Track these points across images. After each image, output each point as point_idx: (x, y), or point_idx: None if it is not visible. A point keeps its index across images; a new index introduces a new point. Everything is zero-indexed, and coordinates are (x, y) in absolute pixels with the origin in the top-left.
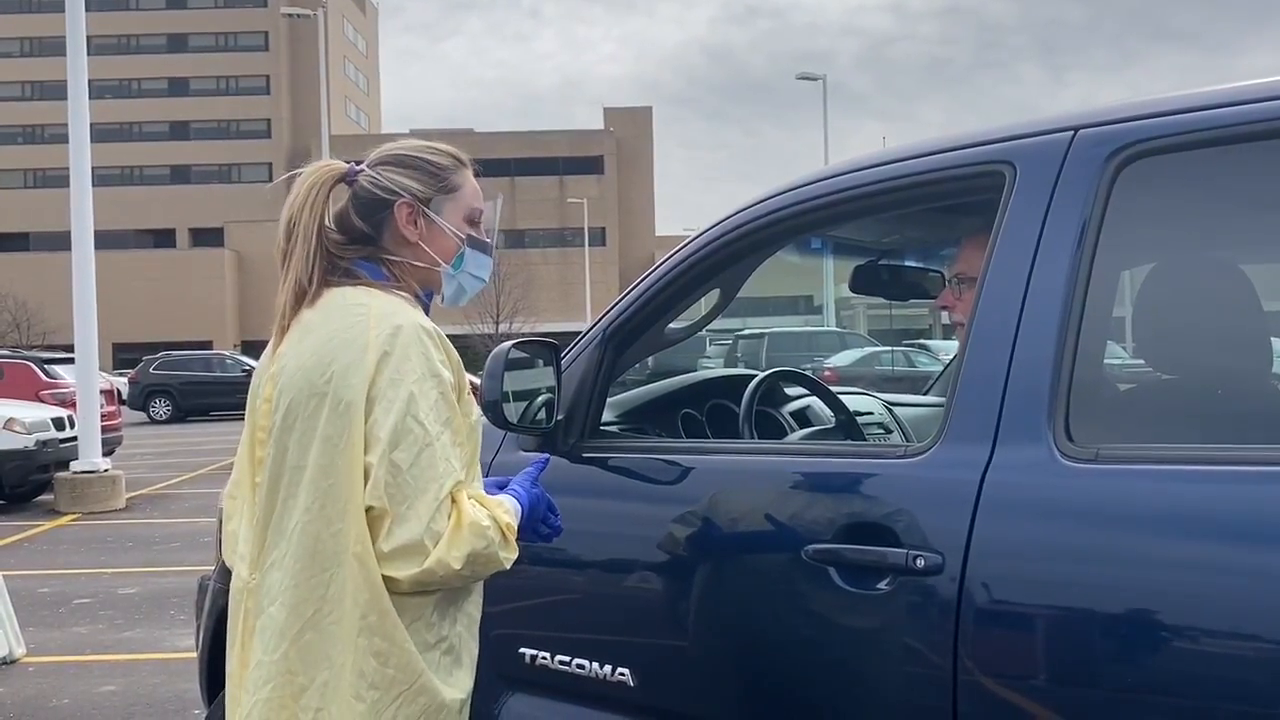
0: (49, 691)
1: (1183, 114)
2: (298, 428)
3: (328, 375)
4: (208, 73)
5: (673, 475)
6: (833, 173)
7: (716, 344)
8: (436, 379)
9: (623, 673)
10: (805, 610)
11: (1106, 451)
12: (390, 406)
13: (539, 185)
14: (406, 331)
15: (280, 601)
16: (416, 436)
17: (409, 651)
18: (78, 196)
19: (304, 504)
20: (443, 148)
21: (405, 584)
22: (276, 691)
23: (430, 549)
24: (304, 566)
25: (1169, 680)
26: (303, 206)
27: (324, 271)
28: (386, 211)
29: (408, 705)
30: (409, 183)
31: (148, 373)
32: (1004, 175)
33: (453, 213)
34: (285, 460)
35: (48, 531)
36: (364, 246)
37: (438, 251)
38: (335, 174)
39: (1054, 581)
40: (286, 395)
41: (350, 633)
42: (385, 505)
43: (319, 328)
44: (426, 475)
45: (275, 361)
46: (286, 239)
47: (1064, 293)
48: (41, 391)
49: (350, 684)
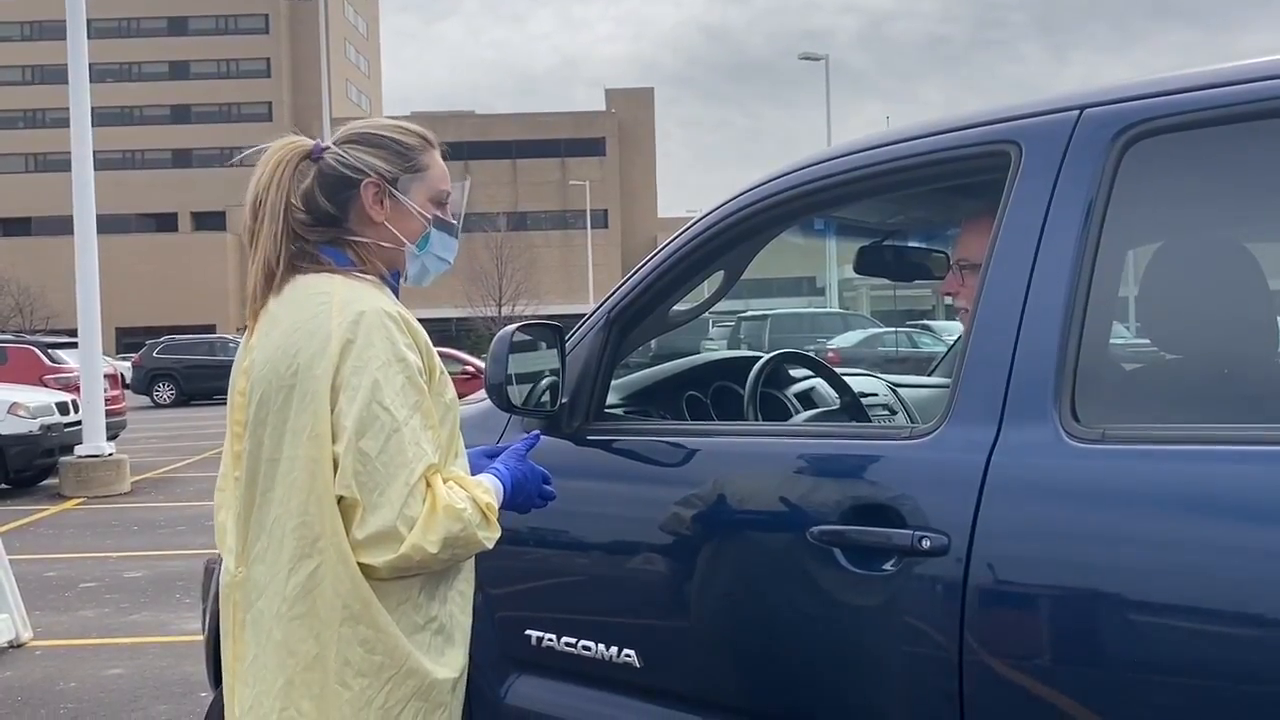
0: (56, 675)
1: (1189, 93)
2: (269, 421)
3: (293, 367)
4: (208, 56)
5: (678, 457)
6: (836, 153)
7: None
8: (402, 363)
9: (628, 654)
10: (810, 592)
11: (1112, 432)
12: (355, 395)
13: (540, 167)
14: (369, 318)
15: (266, 595)
16: (383, 423)
17: (394, 636)
18: (80, 181)
19: (279, 497)
20: (411, 127)
21: (383, 571)
22: (267, 684)
23: (405, 535)
24: (284, 559)
25: (1175, 661)
26: (269, 185)
27: (290, 255)
28: (353, 191)
29: (397, 688)
30: (376, 162)
31: (151, 357)
32: (1009, 155)
33: (419, 193)
34: (261, 453)
35: (53, 516)
36: (329, 228)
37: (403, 232)
38: (300, 151)
39: (1060, 562)
40: (258, 389)
41: (333, 622)
42: (356, 494)
43: (284, 319)
44: (396, 461)
45: (247, 354)
46: (254, 218)
47: (1070, 272)
48: (45, 376)
49: (336, 672)
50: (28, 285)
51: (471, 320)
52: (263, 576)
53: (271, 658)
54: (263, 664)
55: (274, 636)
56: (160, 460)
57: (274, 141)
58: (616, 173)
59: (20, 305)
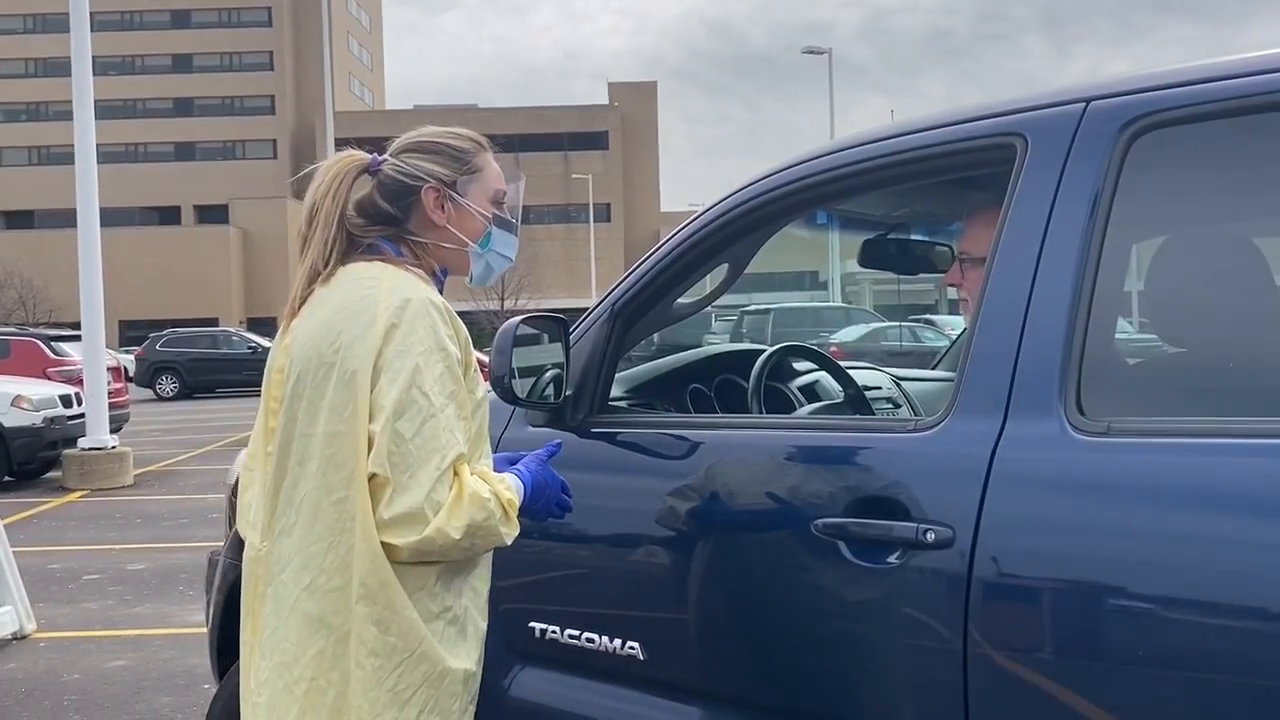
0: (60, 666)
1: (1197, 85)
2: (306, 396)
3: (336, 345)
4: (211, 49)
5: (681, 450)
6: (841, 146)
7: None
8: (443, 353)
9: (632, 646)
10: (814, 584)
11: (1118, 425)
12: (396, 377)
13: (543, 161)
14: (415, 305)
15: (291, 568)
16: (421, 407)
17: (410, 619)
18: (83, 174)
19: (311, 471)
20: (463, 132)
21: (405, 552)
22: (291, 655)
23: (430, 518)
24: (310, 533)
25: (1181, 656)
26: (326, 194)
27: (342, 253)
28: (413, 197)
29: (409, 672)
30: (434, 167)
31: (154, 350)
32: (1015, 148)
33: (477, 194)
34: (295, 428)
35: (56, 508)
36: (387, 227)
37: (465, 232)
38: (359, 164)
39: (1065, 555)
40: (297, 365)
41: (350, 600)
42: (387, 473)
43: (331, 299)
44: (429, 445)
45: (289, 333)
46: (309, 224)
47: (1076, 265)
48: (49, 369)
49: (351, 651)
50: (30, 279)
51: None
52: (288, 550)
53: (297, 630)
54: (283, 636)
55: (304, 608)
56: (163, 453)
57: (329, 158)
58: (619, 167)
59: (23, 299)
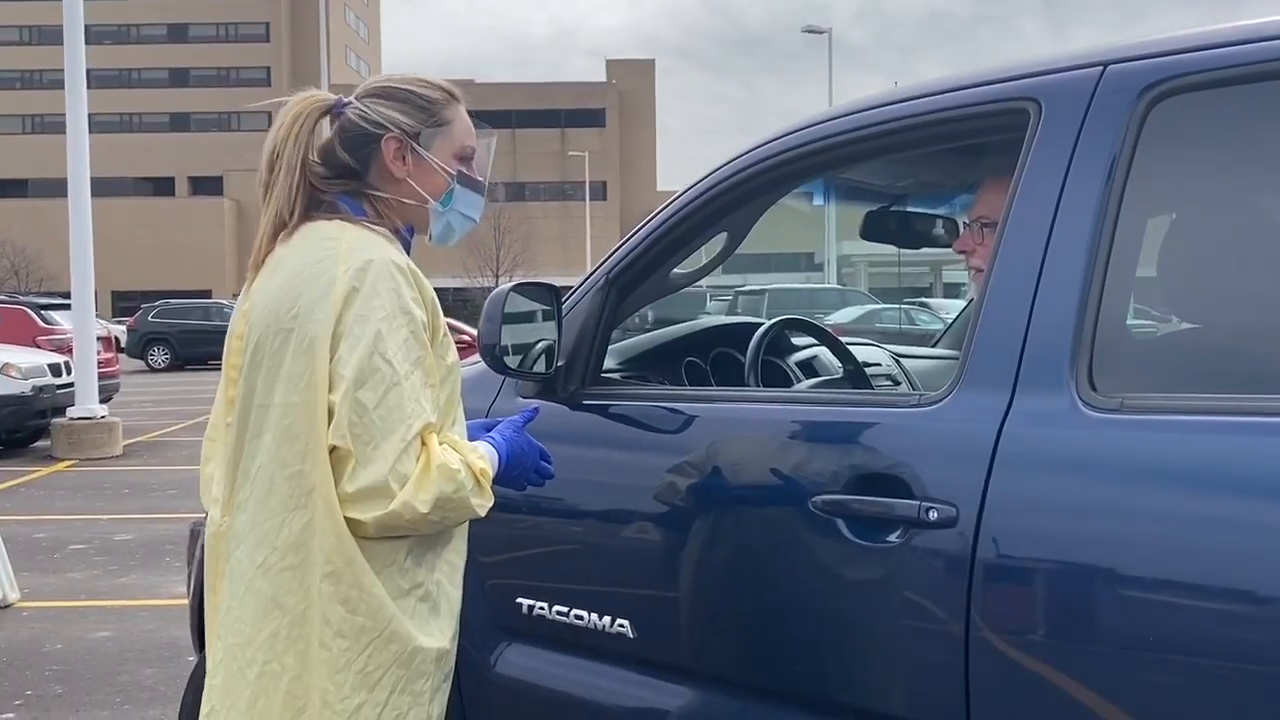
0: (42, 637)
1: (1223, 48)
2: (264, 365)
3: (294, 311)
4: (207, 19)
5: (676, 423)
6: (847, 110)
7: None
8: (407, 316)
9: (622, 624)
10: (812, 562)
11: (1131, 401)
12: (356, 343)
13: (540, 138)
14: (376, 266)
15: (245, 544)
16: (384, 375)
17: (378, 596)
18: (74, 142)
19: (266, 444)
20: (435, 80)
21: (370, 528)
22: (245, 636)
23: (396, 491)
24: (264, 509)
25: (1194, 640)
26: (286, 138)
27: (305, 206)
28: (374, 146)
29: (378, 653)
30: (397, 116)
31: (146, 320)
32: (1028, 113)
33: (443, 148)
34: (253, 399)
35: (44, 477)
36: (348, 181)
37: (426, 188)
38: (321, 105)
39: (1074, 537)
40: (255, 332)
41: (313, 579)
42: (349, 445)
43: (289, 262)
44: (394, 415)
45: (248, 298)
46: (269, 170)
47: (1090, 235)
48: (38, 337)
49: (317, 632)
50: (24, 246)
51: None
52: (243, 526)
53: (251, 610)
54: (237, 616)
55: (258, 588)
56: (153, 424)
57: (294, 95)
58: (616, 145)
59: (16, 267)
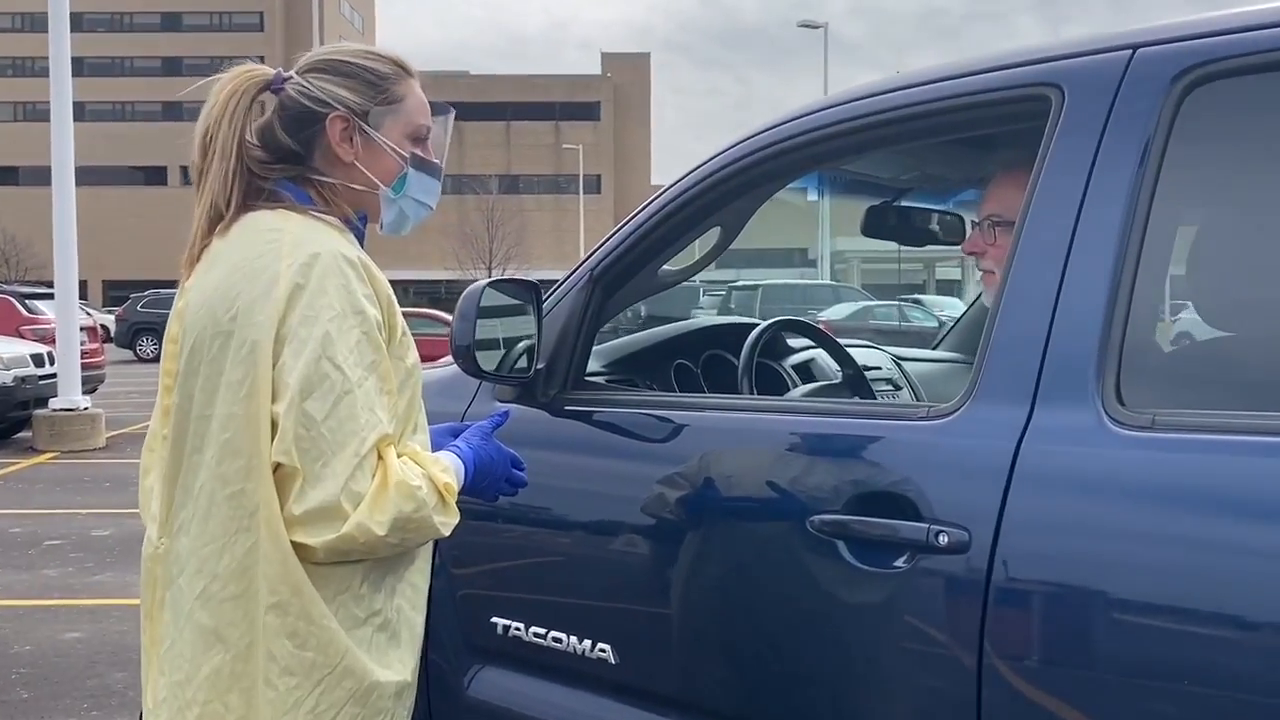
0: (10, 637)
1: (1264, 30)
2: (202, 372)
3: (232, 311)
4: (201, 8)
5: (664, 432)
6: (850, 97)
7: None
8: (359, 316)
9: (603, 649)
10: (809, 587)
11: (1163, 418)
12: (301, 348)
13: (534, 130)
14: (324, 261)
15: (188, 571)
16: (333, 383)
17: (329, 629)
18: (59, 130)
19: (209, 460)
20: (385, 53)
21: (320, 553)
22: (186, 673)
23: (349, 512)
24: (205, 532)
25: (1236, 679)
26: (220, 118)
27: (243, 194)
28: (318, 126)
29: (331, 691)
30: (343, 93)
31: (135, 310)
32: (1049, 100)
33: (394, 128)
34: (190, 409)
35: (24, 470)
36: (291, 165)
37: (376, 172)
38: (258, 81)
39: (1098, 564)
40: (190, 335)
41: (258, 610)
42: (296, 462)
43: (227, 256)
44: (345, 428)
45: (183, 297)
46: (202, 156)
47: (1118, 235)
48: (22, 327)
49: (261, 669)
50: (14, 234)
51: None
52: (185, 550)
53: (191, 644)
54: (179, 651)
55: (198, 619)
56: (138, 415)
57: (227, 71)
58: (610, 138)
59: (6, 255)
